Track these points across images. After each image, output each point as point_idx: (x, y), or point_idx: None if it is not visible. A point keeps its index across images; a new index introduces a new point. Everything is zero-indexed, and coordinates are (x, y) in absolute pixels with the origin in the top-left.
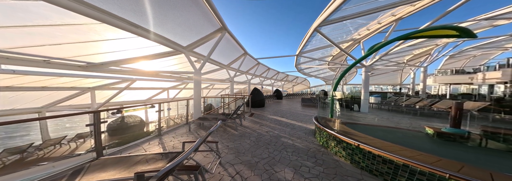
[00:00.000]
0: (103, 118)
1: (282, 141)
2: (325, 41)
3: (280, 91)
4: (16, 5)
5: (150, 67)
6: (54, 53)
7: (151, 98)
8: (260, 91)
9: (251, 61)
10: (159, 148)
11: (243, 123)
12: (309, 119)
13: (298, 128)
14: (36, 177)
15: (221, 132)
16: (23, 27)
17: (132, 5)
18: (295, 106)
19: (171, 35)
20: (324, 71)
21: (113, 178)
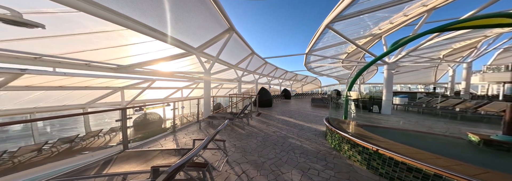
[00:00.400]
0: (129, 115)
1: (289, 142)
2: (338, 38)
3: (288, 91)
4: (62, 16)
5: (167, 68)
6: (92, 57)
7: (167, 97)
8: (267, 90)
9: (258, 60)
10: (173, 144)
11: (250, 122)
12: (320, 120)
13: (307, 129)
14: (78, 165)
15: (228, 131)
16: (69, 36)
17: (152, 10)
18: (304, 106)
19: (183, 37)
20: (337, 69)
21: (134, 170)
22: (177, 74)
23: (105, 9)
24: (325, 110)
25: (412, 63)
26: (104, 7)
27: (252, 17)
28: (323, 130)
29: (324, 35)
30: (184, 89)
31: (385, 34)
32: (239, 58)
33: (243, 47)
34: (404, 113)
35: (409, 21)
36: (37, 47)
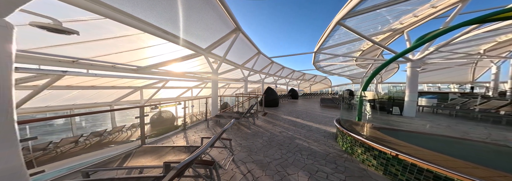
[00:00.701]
0: (146, 112)
1: (296, 143)
2: (351, 35)
3: (295, 91)
4: (93, 23)
5: (178, 69)
6: (117, 60)
7: (179, 96)
8: (273, 90)
9: (264, 60)
10: (184, 141)
11: (256, 122)
12: (330, 121)
13: (316, 130)
14: (105, 157)
15: (235, 130)
16: (98, 41)
17: (165, 13)
18: (313, 106)
19: (193, 38)
20: (350, 68)
21: (149, 164)
22: (187, 74)
23: (126, 15)
24: (335, 111)
25: (443, 60)
26: (125, 13)
27: (258, 16)
28: (333, 132)
29: (334, 32)
30: (194, 88)
31: (407, 28)
32: (246, 58)
33: (249, 47)
34: (431, 115)
35: (438, 13)
36: (74, 52)
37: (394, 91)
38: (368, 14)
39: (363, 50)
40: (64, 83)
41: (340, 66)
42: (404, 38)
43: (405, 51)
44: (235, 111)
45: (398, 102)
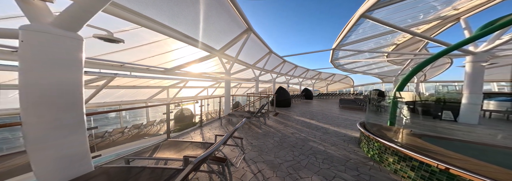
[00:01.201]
0: (171, 109)
1: (310, 145)
2: (380, 28)
3: (309, 91)
4: (133, 32)
5: (196, 70)
6: (149, 63)
7: (196, 95)
8: (285, 90)
9: (276, 59)
10: (200, 137)
11: (267, 122)
12: (351, 124)
13: (333, 134)
14: (138, 148)
15: (246, 129)
16: (137, 47)
17: (185, 19)
18: (330, 107)
19: (208, 40)
20: (379, 65)
21: (172, 157)
22: (203, 75)
23: (156, 22)
24: (358, 113)
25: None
26: (156, 21)
27: (270, 16)
28: (356, 137)
29: (358, 26)
30: (209, 88)
31: (465, 14)
32: (257, 58)
33: (260, 47)
34: (504, 123)
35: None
36: (121, 57)
37: (444, 92)
38: (404, 3)
39: (397, 43)
40: (114, 84)
41: (366, 64)
42: (461, 26)
43: (464, 41)
44: (246, 110)
45: (450, 105)
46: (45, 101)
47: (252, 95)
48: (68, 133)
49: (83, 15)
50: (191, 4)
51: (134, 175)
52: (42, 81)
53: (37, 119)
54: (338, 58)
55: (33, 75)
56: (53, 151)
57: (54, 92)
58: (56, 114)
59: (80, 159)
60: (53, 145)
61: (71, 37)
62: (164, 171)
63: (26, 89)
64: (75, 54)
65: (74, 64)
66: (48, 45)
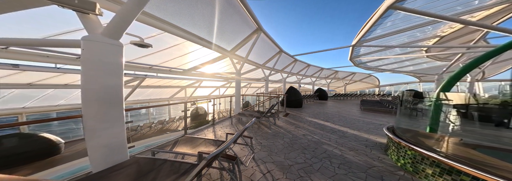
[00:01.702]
0: (188, 107)
1: (324, 149)
2: (416, 19)
3: (324, 91)
4: (158, 37)
5: (209, 70)
6: (171, 64)
7: (210, 94)
8: (296, 90)
9: (287, 58)
10: (212, 135)
11: (277, 122)
12: (375, 128)
13: (352, 138)
14: (161, 142)
15: (255, 129)
16: (161, 51)
17: (201, 22)
18: (349, 109)
19: (221, 42)
20: (415, 62)
21: (188, 152)
22: (216, 75)
23: (175, 27)
24: (385, 116)
25: None
26: (175, 26)
27: (280, 14)
28: (381, 142)
29: (384, 19)
30: (221, 88)
31: None
32: (267, 57)
33: (270, 46)
34: None
35: None
36: (149, 60)
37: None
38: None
39: (441, 36)
40: (144, 84)
41: (397, 60)
42: None
43: None
44: (256, 110)
45: None
46: (97, 98)
47: (262, 95)
48: (111, 125)
49: (122, 24)
50: (207, 8)
51: (158, 166)
52: (96, 81)
53: (92, 113)
54: (359, 55)
55: (90, 76)
56: (102, 140)
57: (103, 90)
58: (104, 109)
59: (119, 149)
60: (102, 135)
61: (115, 44)
62: (181, 165)
63: (86, 88)
64: (118, 58)
65: (117, 67)
66: (100, 51)
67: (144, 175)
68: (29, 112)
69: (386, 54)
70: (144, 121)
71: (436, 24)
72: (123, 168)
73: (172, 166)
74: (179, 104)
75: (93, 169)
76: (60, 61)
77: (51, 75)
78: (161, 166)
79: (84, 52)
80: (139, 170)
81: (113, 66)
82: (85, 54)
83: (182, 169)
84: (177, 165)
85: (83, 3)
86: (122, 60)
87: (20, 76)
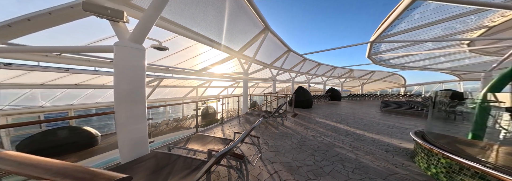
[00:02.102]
0: (199, 106)
1: (336, 151)
2: (454, 9)
3: (336, 91)
4: (173, 40)
5: (218, 71)
6: (184, 66)
7: (218, 94)
8: (306, 90)
9: (295, 58)
10: (221, 134)
11: (285, 123)
12: (399, 132)
13: (370, 141)
14: (176, 138)
15: (262, 129)
16: (176, 53)
17: (209, 23)
18: (366, 111)
19: (229, 42)
20: (454, 57)
21: (199, 149)
22: (224, 75)
23: (189, 30)
24: (412, 119)
25: None
26: (189, 29)
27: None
28: (405, 148)
29: (411, 11)
30: (229, 87)
31: None
32: (274, 57)
33: (278, 46)
34: None
35: None
36: (166, 62)
37: None
38: None
39: (489, 26)
40: (162, 84)
41: (429, 56)
42: None
43: None
44: (263, 110)
45: None
46: (126, 96)
47: (269, 95)
48: (136, 121)
49: (144, 30)
50: (217, 11)
51: (173, 161)
52: (125, 82)
53: (122, 110)
54: (379, 52)
55: (121, 78)
56: (129, 135)
57: (130, 90)
58: (131, 107)
59: (142, 143)
60: (129, 130)
61: (139, 48)
62: (193, 161)
63: (117, 88)
64: (141, 61)
65: (140, 69)
66: (128, 55)
67: (161, 169)
68: (76, 108)
69: (415, 49)
70: (162, 118)
71: (481, 13)
72: (144, 161)
73: (185, 161)
74: (191, 103)
75: (122, 160)
76: (98, 64)
77: (91, 77)
78: (175, 161)
79: (116, 56)
80: (157, 163)
81: (138, 68)
82: (117, 58)
83: (194, 165)
84: (189, 161)
85: (114, 12)
86: (145, 63)
87: (70, 78)
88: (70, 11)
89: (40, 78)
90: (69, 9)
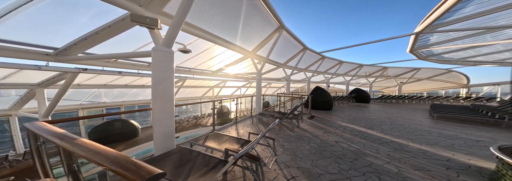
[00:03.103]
0: (216, 105)
1: (368, 161)
2: None
3: (363, 91)
4: (194, 43)
5: (232, 71)
6: (203, 67)
7: (232, 94)
8: (324, 90)
9: (312, 56)
10: (235, 133)
11: (301, 124)
12: (466, 144)
13: (419, 154)
14: (197, 135)
15: (276, 130)
16: (196, 55)
17: (228, 27)
18: (409, 116)
19: (242, 43)
20: None
21: (216, 147)
22: (238, 76)
23: (207, 33)
24: (483, 129)
25: None
26: (207, 31)
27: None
28: (479, 166)
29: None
30: (242, 88)
31: None
32: (289, 56)
33: (293, 44)
34: None
35: None
36: (188, 64)
37: None
38: None
39: None
40: (185, 84)
41: (509, 47)
42: None
43: None
44: (276, 110)
45: None
46: (160, 95)
47: (283, 95)
48: (166, 117)
49: (173, 34)
50: (232, 11)
51: (194, 157)
52: (159, 82)
53: (157, 107)
54: (427, 45)
55: (156, 78)
56: (161, 129)
57: (163, 89)
58: (164, 104)
59: (170, 138)
60: (161, 125)
61: (169, 52)
62: (211, 159)
63: (154, 87)
64: (171, 63)
65: (170, 71)
66: (161, 59)
67: (185, 164)
68: (125, 104)
69: (485, 39)
70: (184, 116)
71: None
72: (172, 154)
73: (204, 158)
74: (208, 102)
75: (155, 152)
76: (140, 68)
77: (135, 79)
78: (196, 157)
79: (153, 59)
80: (181, 158)
81: (169, 69)
82: (154, 61)
83: (212, 163)
84: (207, 158)
85: (151, 21)
86: (173, 65)
87: (122, 80)
88: (122, 23)
89: (103, 80)
90: (121, 22)
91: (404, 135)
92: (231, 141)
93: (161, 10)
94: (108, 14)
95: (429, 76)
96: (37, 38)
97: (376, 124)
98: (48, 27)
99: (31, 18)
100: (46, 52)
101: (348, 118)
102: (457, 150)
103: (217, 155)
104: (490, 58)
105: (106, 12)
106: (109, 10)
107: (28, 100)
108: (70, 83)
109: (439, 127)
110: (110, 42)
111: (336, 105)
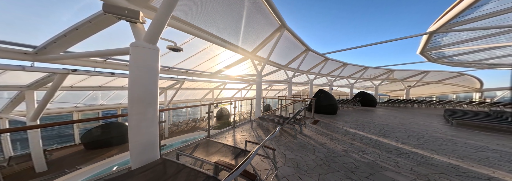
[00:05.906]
0: (212, 109)
1: (388, 177)
2: None
3: (369, 95)
4: (190, 42)
5: (232, 73)
6: (202, 68)
7: (232, 96)
8: (327, 93)
9: (315, 58)
10: (232, 139)
11: (304, 130)
12: (504, 158)
13: (449, 169)
14: (191, 140)
15: (277, 137)
16: (194, 55)
17: (225, 25)
18: (423, 122)
19: (242, 43)
20: None
21: (205, 159)
22: (237, 78)
23: (202, 31)
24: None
25: None
26: (202, 29)
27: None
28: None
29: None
30: (242, 90)
31: None
32: (290, 57)
33: (295, 45)
34: None
35: None
36: (185, 65)
37: None
38: None
39: None
40: (184, 86)
41: None
42: None
43: None
44: (277, 114)
45: None
46: (138, 98)
47: (284, 98)
48: (148, 124)
49: (158, 29)
50: (230, 8)
51: (179, 171)
52: (138, 83)
53: (134, 112)
54: (440, 46)
55: (135, 78)
56: (139, 138)
57: (143, 92)
58: (143, 109)
59: (152, 147)
60: (139, 133)
61: (152, 49)
62: (198, 174)
63: (132, 90)
64: (155, 62)
65: (154, 70)
66: (142, 56)
67: (167, 179)
68: (122, 107)
69: (499, 41)
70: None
71: None
72: (152, 167)
73: (190, 173)
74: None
75: (133, 165)
76: None
77: None
78: (182, 171)
79: (131, 57)
80: (164, 172)
81: (151, 69)
82: (132, 59)
83: (199, 179)
84: (194, 173)
85: (131, 13)
86: (158, 64)
87: (117, 81)
88: (103, 18)
89: (98, 82)
90: (102, 16)
91: (424, 144)
92: (225, 151)
93: (149, 4)
94: (93, 9)
95: (439, 80)
96: (14, 37)
97: (388, 131)
98: (25, 23)
99: (5, 13)
100: (24, 50)
101: (356, 123)
102: (496, 166)
103: (206, 168)
104: (506, 61)
105: (90, 7)
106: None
107: (18, 103)
108: (58, 84)
109: (463, 135)
110: (101, 40)
111: (341, 109)
